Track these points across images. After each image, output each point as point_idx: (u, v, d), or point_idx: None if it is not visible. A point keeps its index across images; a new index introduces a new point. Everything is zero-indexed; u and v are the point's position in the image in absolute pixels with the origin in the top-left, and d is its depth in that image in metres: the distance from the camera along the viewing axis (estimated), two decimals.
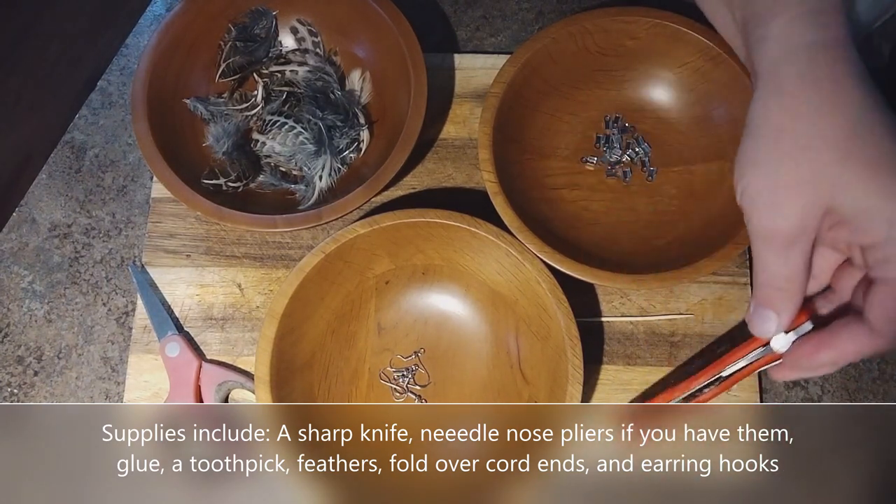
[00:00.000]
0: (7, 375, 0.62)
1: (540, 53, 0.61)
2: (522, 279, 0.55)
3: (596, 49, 0.62)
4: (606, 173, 0.64)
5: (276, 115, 0.63)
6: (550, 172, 0.63)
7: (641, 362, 0.60)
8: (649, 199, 0.63)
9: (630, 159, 0.64)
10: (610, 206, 0.63)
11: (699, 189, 0.62)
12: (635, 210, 0.63)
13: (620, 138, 0.64)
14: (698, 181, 0.62)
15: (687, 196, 0.62)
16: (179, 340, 0.59)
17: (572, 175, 0.64)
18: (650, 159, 0.64)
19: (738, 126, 0.60)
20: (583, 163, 0.64)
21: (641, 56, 0.63)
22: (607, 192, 0.63)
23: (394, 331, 0.60)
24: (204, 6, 0.63)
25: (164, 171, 0.59)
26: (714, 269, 0.55)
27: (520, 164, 0.61)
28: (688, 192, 0.62)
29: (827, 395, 0.61)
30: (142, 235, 0.65)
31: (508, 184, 0.58)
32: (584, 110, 0.65)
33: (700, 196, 0.61)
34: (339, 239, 0.55)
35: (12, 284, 0.64)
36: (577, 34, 0.61)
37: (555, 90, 0.63)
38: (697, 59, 0.61)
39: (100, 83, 0.70)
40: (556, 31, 0.61)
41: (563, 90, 0.64)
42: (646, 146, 0.64)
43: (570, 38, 0.61)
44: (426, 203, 0.59)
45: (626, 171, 0.63)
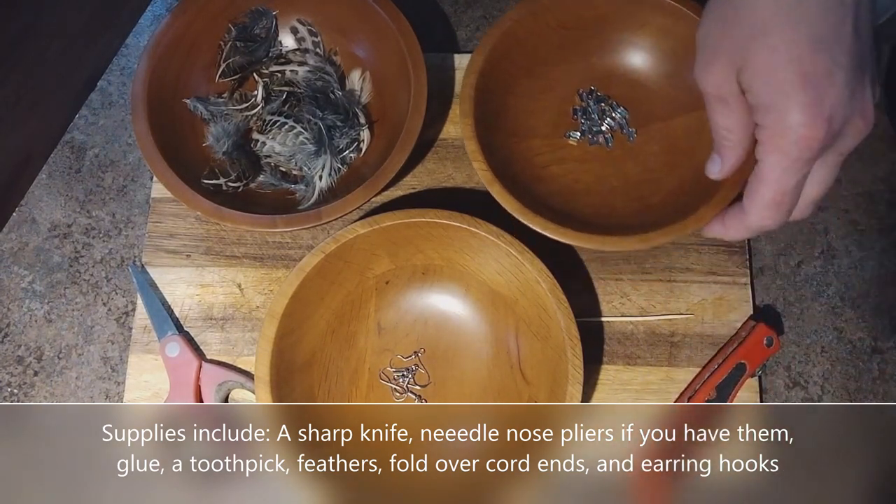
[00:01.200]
0: (7, 375, 0.62)
1: (505, 38, 0.61)
2: (522, 279, 0.55)
3: (557, 24, 0.63)
4: (589, 143, 0.64)
5: (276, 115, 0.63)
6: (537, 151, 0.64)
7: (641, 362, 0.60)
8: (635, 160, 0.64)
9: (609, 126, 0.65)
10: (599, 173, 0.64)
11: (681, 142, 0.63)
12: (624, 173, 0.63)
13: (596, 108, 0.65)
14: (679, 135, 0.63)
15: (671, 151, 0.63)
16: (179, 340, 0.59)
17: (557, 151, 0.64)
18: (628, 122, 0.65)
19: None
20: (565, 137, 0.65)
21: (602, 24, 0.64)
22: (594, 162, 0.64)
23: (394, 331, 0.60)
24: (204, 6, 0.63)
25: (164, 171, 0.59)
26: (713, 214, 0.55)
27: (506, 148, 0.62)
28: (671, 147, 0.63)
29: (827, 395, 0.61)
30: (142, 235, 0.65)
31: (500, 170, 0.58)
32: (558, 86, 0.66)
33: (684, 149, 0.62)
34: (339, 239, 0.55)
35: (12, 284, 0.64)
36: (538, 12, 0.62)
37: (525, 71, 0.64)
38: (657, 17, 0.62)
39: (100, 83, 0.70)
40: (517, 14, 0.62)
41: (534, 70, 0.65)
42: (622, 110, 0.65)
43: (532, 18, 0.62)
44: (426, 203, 0.59)
45: (607, 137, 0.64)
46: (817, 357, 0.62)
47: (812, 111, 0.43)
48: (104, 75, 0.70)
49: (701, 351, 0.60)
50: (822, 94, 0.42)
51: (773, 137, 0.44)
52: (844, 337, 0.62)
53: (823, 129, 0.43)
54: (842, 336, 0.62)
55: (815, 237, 0.65)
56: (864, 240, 0.64)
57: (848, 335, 0.62)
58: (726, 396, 0.57)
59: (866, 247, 0.64)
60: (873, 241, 0.64)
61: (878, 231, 0.65)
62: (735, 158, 0.51)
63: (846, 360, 0.61)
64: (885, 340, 0.62)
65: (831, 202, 0.65)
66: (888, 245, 0.64)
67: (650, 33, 0.63)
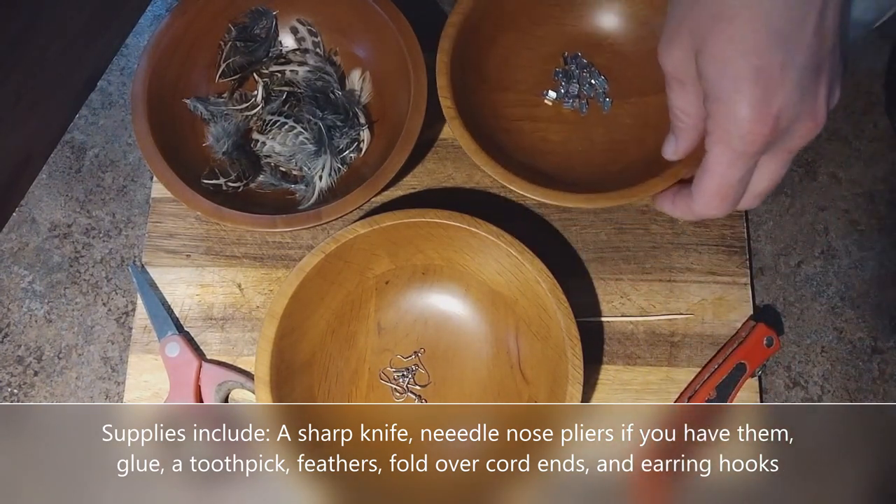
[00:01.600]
0: (7, 375, 0.62)
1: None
2: (522, 279, 0.55)
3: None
4: (564, 105, 0.65)
5: (276, 115, 0.63)
6: (509, 104, 0.64)
7: (641, 362, 0.60)
8: (605, 129, 0.64)
9: (587, 93, 0.65)
10: (567, 136, 0.64)
11: (653, 119, 0.63)
12: (591, 140, 0.64)
13: (578, 73, 0.65)
14: (652, 112, 0.63)
15: (642, 126, 0.63)
16: (179, 340, 0.59)
17: (531, 108, 0.65)
18: (606, 92, 0.65)
19: None
20: (542, 96, 0.65)
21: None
22: (564, 124, 0.65)
23: (394, 331, 0.60)
24: (204, 6, 0.63)
25: (164, 171, 0.59)
26: (663, 186, 0.55)
27: (479, 94, 0.62)
28: (643, 122, 0.63)
29: (827, 395, 0.61)
30: (142, 235, 0.65)
31: (467, 112, 0.59)
32: (542, 45, 0.66)
33: (654, 126, 0.62)
34: (339, 239, 0.55)
35: (12, 284, 0.64)
36: None
37: (513, 24, 0.64)
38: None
39: (100, 83, 0.70)
40: None
41: (522, 24, 0.65)
42: (602, 79, 0.65)
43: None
44: (426, 203, 0.59)
45: (582, 103, 0.65)
46: (817, 357, 0.62)
47: (760, 107, 0.42)
48: (104, 75, 0.70)
49: (701, 351, 0.60)
50: (773, 90, 0.42)
51: (720, 129, 0.44)
52: (844, 337, 0.62)
53: (769, 125, 0.43)
54: (842, 336, 0.62)
55: (815, 237, 0.65)
56: (864, 240, 0.64)
57: (848, 335, 0.62)
58: (726, 396, 0.57)
59: (866, 247, 0.64)
60: (873, 241, 0.64)
61: (878, 231, 0.65)
62: (689, 141, 0.51)
63: (846, 360, 0.61)
64: (885, 340, 0.62)
65: (831, 202, 0.65)
66: (888, 245, 0.64)
67: (641, 7, 0.64)
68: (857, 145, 0.67)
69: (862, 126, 0.67)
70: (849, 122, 0.68)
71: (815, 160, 0.67)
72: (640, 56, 0.65)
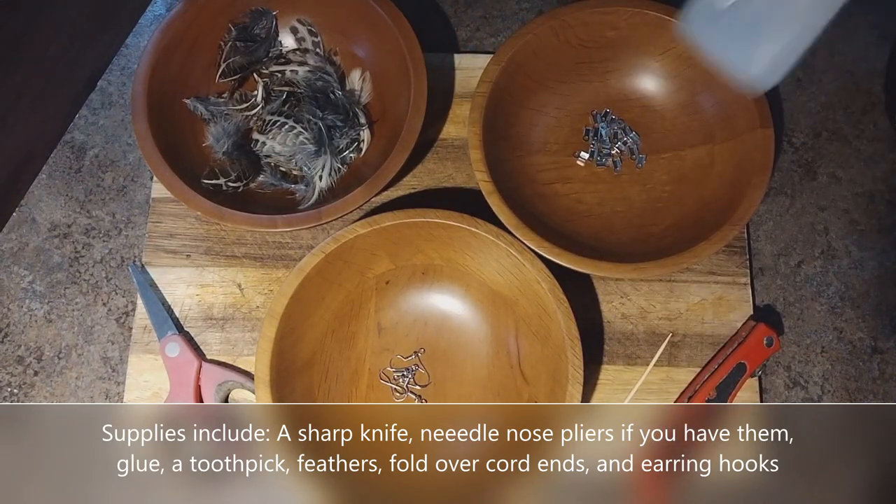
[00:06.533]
0: (7, 375, 0.62)
1: (522, 50, 0.61)
2: (522, 279, 0.55)
3: (577, 42, 0.63)
4: (597, 164, 0.64)
5: (276, 115, 0.63)
6: (542, 168, 0.64)
7: (641, 362, 0.60)
8: (641, 187, 0.63)
9: (620, 150, 0.64)
10: (603, 196, 0.63)
11: (690, 174, 0.62)
12: (628, 199, 0.63)
13: (609, 130, 0.64)
14: (688, 166, 0.62)
15: (678, 181, 0.63)
16: (179, 340, 0.59)
17: (563, 169, 0.64)
18: (639, 147, 0.64)
19: (723, 109, 0.61)
20: (573, 157, 0.64)
21: (623, 46, 0.63)
22: (599, 184, 0.64)
23: (394, 331, 0.60)
24: (204, 6, 0.63)
25: (164, 171, 0.59)
26: (712, 251, 0.55)
27: (511, 161, 0.62)
28: (679, 177, 0.63)
29: (827, 395, 0.61)
30: (142, 235, 0.65)
31: (502, 182, 0.58)
32: (571, 103, 0.65)
33: (691, 181, 0.62)
34: (339, 239, 0.55)
35: (12, 284, 0.64)
36: (558, 28, 0.62)
37: (540, 85, 0.64)
38: (679, 44, 0.61)
39: (100, 83, 0.70)
40: (537, 27, 0.61)
41: (548, 84, 0.64)
42: (634, 135, 0.64)
43: (552, 33, 0.62)
44: (426, 203, 0.59)
45: (616, 161, 0.64)
46: (817, 357, 0.62)
47: None
48: (104, 75, 0.70)
49: (701, 351, 0.60)
50: None
51: None
52: (844, 337, 0.62)
53: None
54: (842, 336, 0.62)
55: (815, 237, 0.65)
56: (864, 240, 0.64)
57: (848, 335, 0.62)
58: (726, 396, 0.57)
59: (866, 247, 0.64)
60: (873, 241, 0.64)
61: (878, 231, 0.65)
62: None
63: (846, 360, 0.61)
64: (885, 340, 0.62)
65: (831, 202, 0.65)
66: (888, 245, 0.64)
67: (670, 60, 0.63)
68: (857, 145, 0.67)
69: (862, 126, 0.67)
70: (849, 122, 0.68)
71: (815, 160, 0.67)
72: (672, 109, 0.64)
